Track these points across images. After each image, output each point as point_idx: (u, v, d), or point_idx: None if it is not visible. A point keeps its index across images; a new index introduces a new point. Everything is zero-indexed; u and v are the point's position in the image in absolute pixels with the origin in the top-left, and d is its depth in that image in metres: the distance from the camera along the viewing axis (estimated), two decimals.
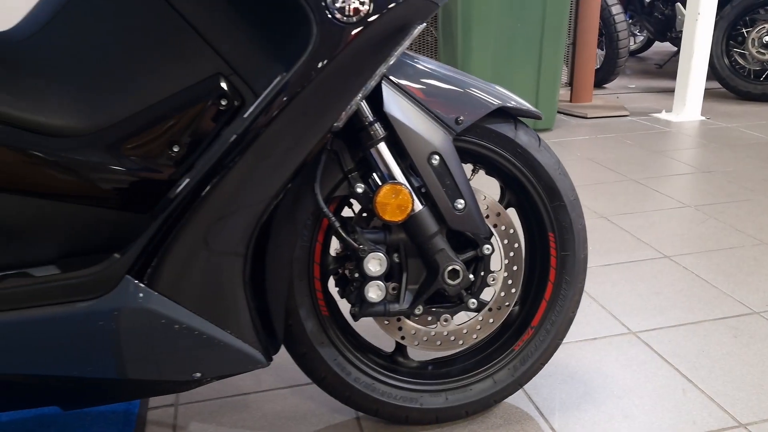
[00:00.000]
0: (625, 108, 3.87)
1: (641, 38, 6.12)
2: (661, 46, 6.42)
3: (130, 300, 0.78)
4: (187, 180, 0.82)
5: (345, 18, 0.81)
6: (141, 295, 0.79)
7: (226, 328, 0.88)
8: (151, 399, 1.30)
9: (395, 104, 1.00)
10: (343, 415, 1.24)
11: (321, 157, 0.98)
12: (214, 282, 0.86)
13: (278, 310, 1.02)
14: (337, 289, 1.14)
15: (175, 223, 0.81)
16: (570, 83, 3.96)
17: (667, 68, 5.40)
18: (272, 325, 1.02)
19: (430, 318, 1.13)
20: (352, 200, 1.11)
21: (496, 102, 1.07)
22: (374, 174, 1.03)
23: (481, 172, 1.17)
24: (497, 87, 1.13)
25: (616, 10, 4.29)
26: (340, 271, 1.13)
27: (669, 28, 5.21)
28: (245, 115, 0.80)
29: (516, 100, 1.11)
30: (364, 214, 1.09)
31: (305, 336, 1.09)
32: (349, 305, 1.09)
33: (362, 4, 0.82)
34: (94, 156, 0.86)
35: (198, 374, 0.91)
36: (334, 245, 1.14)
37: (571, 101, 3.94)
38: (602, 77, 4.54)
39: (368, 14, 0.82)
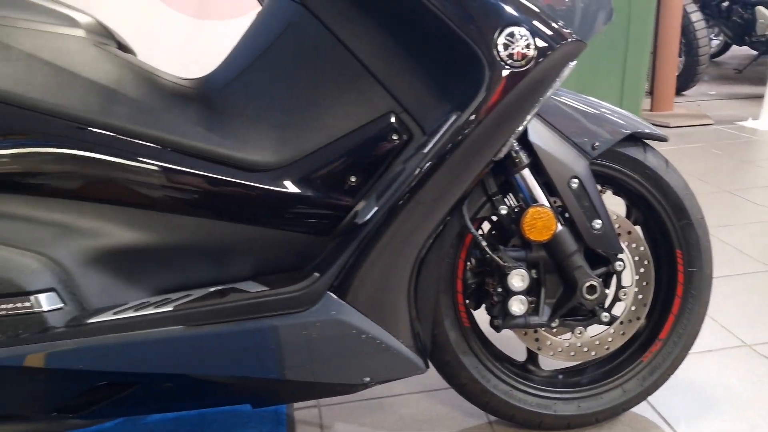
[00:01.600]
0: (708, 116, 3.82)
1: (717, 42, 5.99)
2: (738, 50, 6.26)
3: (329, 313, 0.90)
4: (371, 207, 0.93)
5: (514, 63, 0.91)
6: (338, 308, 0.90)
7: (398, 337, 0.99)
8: None
9: (538, 132, 1.09)
10: (475, 419, 1.33)
11: None
12: (391, 295, 0.97)
13: (427, 321, 1.12)
14: (467, 301, 1.23)
15: (366, 245, 0.92)
16: (651, 92, 3.95)
17: (747, 73, 5.28)
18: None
19: (565, 330, 1.21)
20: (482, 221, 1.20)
21: (629, 128, 1.15)
22: (518, 197, 1.12)
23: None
24: (624, 112, 1.21)
25: (697, 17, 4.25)
26: (473, 285, 1.23)
27: (748, 32, 5.10)
28: (425, 150, 0.91)
29: (644, 125, 1.18)
30: (493, 232, 1.18)
31: (449, 345, 1.18)
32: (489, 317, 1.18)
33: (528, 49, 0.91)
34: (284, 186, 0.98)
35: (367, 378, 1.01)
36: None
37: (651, 110, 3.93)
38: (681, 84, 4.49)
39: (533, 59, 0.91)
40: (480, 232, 1.21)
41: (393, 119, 0.99)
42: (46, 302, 0.87)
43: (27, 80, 0.91)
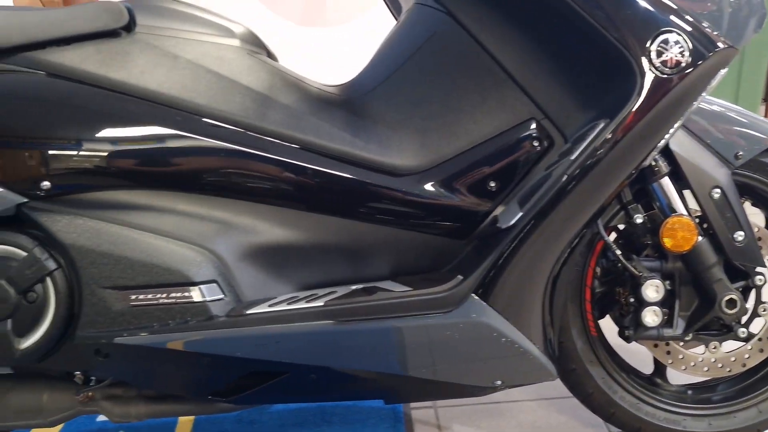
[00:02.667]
0: None
1: None
2: None
3: (473, 315, 0.92)
4: (514, 212, 0.94)
5: (667, 70, 0.89)
6: (482, 311, 0.92)
7: (534, 343, 0.99)
8: None
9: (678, 140, 1.06)
10: (595, 429, 1.31)
11: None
12: (529, 300, 0.98)
13: (554, 328, 1.12)
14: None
15: (510, 250, 0.93)
16: (766, 98, 3.72)
17: None
18: None
19: (697, 344, 1.17)
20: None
21: None
22: (654, 205, 1.09)
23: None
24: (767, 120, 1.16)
25: None
26: (599, 294, 1.21)
27: None
28: (572, 157, 0.91)
29: None
30: (620, 241, 1.16)
31: (576, 354, 1.18)
32: (618, 327, 1.16)
33: (682, 56, 0.90)
34: (423, 190, 1.01)
35: (499, 382, 1.02)
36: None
37: (767, 116, 3.71)
38: None
39: (687, 66, 0.90)
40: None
41: (534, 126, 0.99)
42: (209, 293, 0.94)
43: (192, 87, 0.99)
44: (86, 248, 0.91)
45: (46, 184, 0.93)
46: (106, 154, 0.94)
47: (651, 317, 1.11)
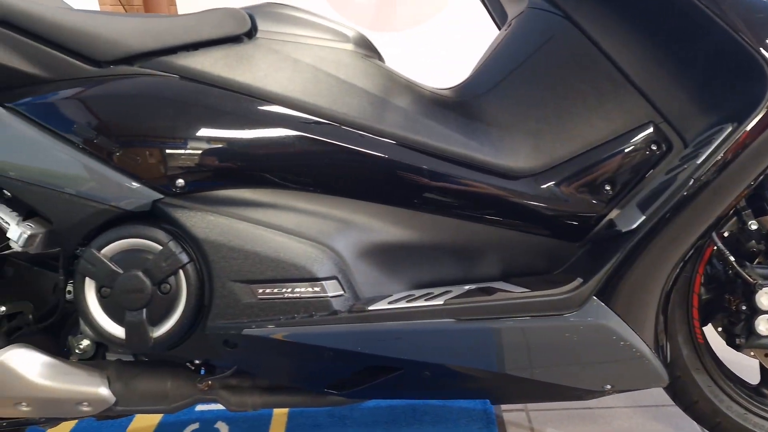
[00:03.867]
0: None
1: None
2: None
3: (594, 318, 0.92)
4: (634, 216, 0.94)
5: None
6: (603, 314, 0.93)
7: (650, 346, 0.99)
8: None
9: None
10: None
11: None
12: (646, 305, 0.97)
13: (667, 334, 1.11)
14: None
15: (631, 254, 0.93)
16: None
17: None
18: None
19: None
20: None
21: None
22: None
23: None
24: None
25: None
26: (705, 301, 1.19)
27: None
28: (698, 162, 0.91)
29: None
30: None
31: (681, 361, 1.16)
32: (727, 335, 1.14)
33: None
34: (537, 192, 1.02)
35: (609, 386, 1.02)
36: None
37: None
38: None
39: None
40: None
41: (652, 129, 0.99)
42: (330, 289, 0.97)
43: (313, 90, 1.02)
44: (218, 243, 0.96)
45: (180, 181, 0.98)
46: (234, 153, 0.99)
47: (765, 325, 1.09)
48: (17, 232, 0.96)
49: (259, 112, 1.00)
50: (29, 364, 1.01)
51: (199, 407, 1.52)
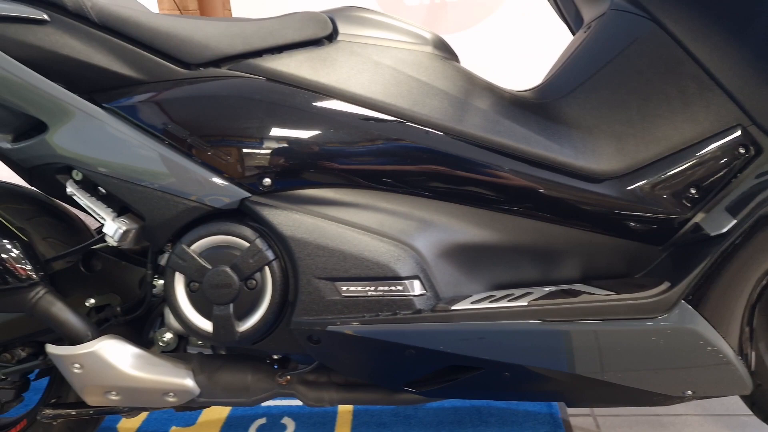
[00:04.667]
0: None
1: None
2: None
3: (683, 322, 0.92)
4: (724, 220, 0.93)
5: None
6: (693, 318, 0.92)
7: (736, 353, 0.97)
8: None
9: None
10: None
11: None
12: (733, 311, 0.96)
13: (753, 342, 1.09)
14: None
15: (720, 259, 0.92)
16: None
17: None
18: None
19: None
20: None
21: None
22: None
23: None
24: None
25: None
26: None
27: None
28: None
29: None
30: None
31: (763, 369, 1.13)
32: None
33: None
34: (619, 195, 1.01)
35: (690, 392, 1.01)
36: None
37: None
38: None
39: None
40: None
41: (740, 132, 0.98)
42: (413, 288, 0.98)
43: (394, 92, 1.04)
44: (303, 241, 0.98)
45: (267, 180, 1.00)
46: (318, 153, 1.01)
47: None
48: (113, 227, 1.01)
49: (342, 114, 1.02)
50: (120, 355, 1.05)
51: (265, 402, 1.55)
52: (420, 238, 1.02)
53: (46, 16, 1.00)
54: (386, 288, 0.97)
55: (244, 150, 1.00)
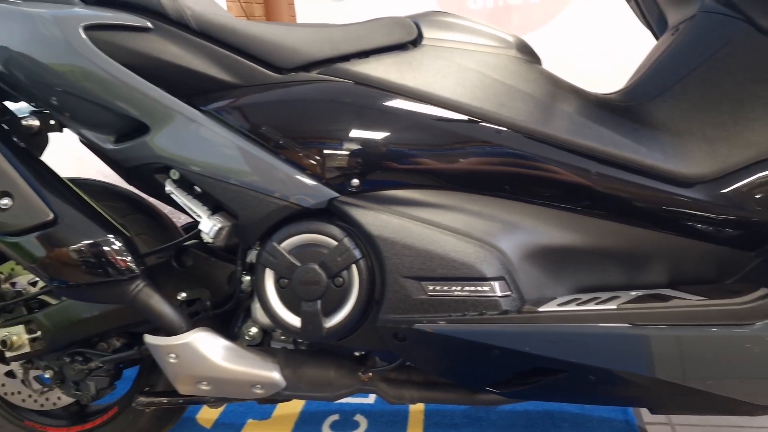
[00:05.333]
0: None
1: None
2: None
3: None
4: None
5: None
6: None
7: None
8: (645, 414, 1.42)
9: None
10: None
11: None
12: None
13: None
14: None
15: None
16: None
17: None
18: None
19: None
20: None
21: None
22: None
23: None
24: None
25: None
26: None
27: None
28: None
29: None
30: None
31: None
32: None
33: None
34: (709, 199, 0.99)
35: None
36: None
37: None
38: None
39: None
40: None
41: None
42: (499, 288, 0.99)
43: (479, 95, 1.05)
44: (391, 240, 1.00)
45: (355, 181, 1.03)
46: (405, 155, 1.03)
47: None
48: (209, 224, 1.05)
49: (429, 117, 1.04)
50: (212, 347, 1.10)
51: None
52: (505, 240, 1.03)
53: (149, 24, 1.06)
54: (472, 288, 0.99)
55: (333, 152, 1.03)
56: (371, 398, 1.58)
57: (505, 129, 1.03)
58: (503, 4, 3.25)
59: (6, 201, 1.05)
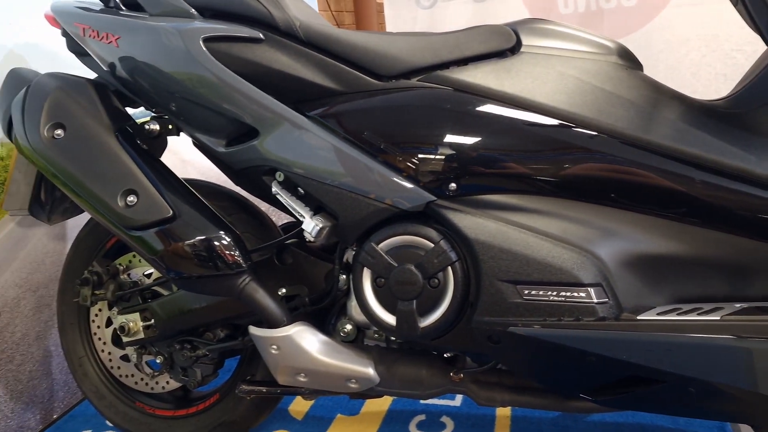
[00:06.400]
0: None
1: None
2: None
3: None
4: None
5: None
6: None
7: None
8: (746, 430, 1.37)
9: None
10: None
11: None
12: None
13: None
14: None
15: None
16: None
17: None
18: None
19: None
20: None
21: None
22: None
23: None
24: None
25: None
26: None
27: None
28: None
29: None
30: None
31: None
32: None
33: None
34: None
35: None
36: None
37: None
38: None
39: None
40: None
41: None
42: (596, 295, 0.99)
43: (578, 101, 1.05)
44: (487, 244, 1.02)
45: (452, 185, 1.06)
46: (503, 160, 1.05)
47: None
48: (311, 224, 1.11)
49: (527, 123, 1.05)
50: (311, 341, 1.15)
51: (424, 401, 1.61)
52: (603, 247, 1.02)
53: (261, 36, 1.13)
54: (568, 293, 0.99)
55: (432, 156, 1.06)
56: (458, 401, 1.60)
57: (604, 135, 1.03)
58: (596, 7, 3.18)
59: (132, 198, 1.15)
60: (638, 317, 0.96)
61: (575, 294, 0.99)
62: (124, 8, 1.25)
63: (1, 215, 1.54)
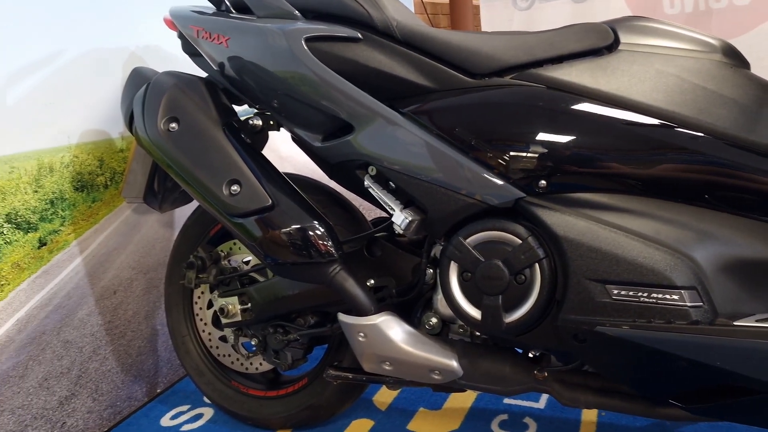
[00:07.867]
0: None
1: None
2: None
3: None
4: None
5: None
6: None
7: None
8: None
9: None
10: None
11: None
12: None
13: None
14: None
15: None
16: None
17: None
18: None
19: None
20: None
21: None
22: None
23: None
24: None
25: None
26: None
27: None
28: None
29: None
30: None
31: None
32: None
33: None
34: None
35: None
36: None
37: None
38: None
39: None
40: None
41: None
42: (689, 298, 0.96)
43: (678, 100, 1.02)
44: (576, 242, 1.02)
45: (543, 182, 1.06)
46: (595, 159, 1.04)
47: None
48: (401, 217, 1.15)
49: (622, 121, 1.03)
50: (397, 330, 1.19)
51: (507, 400, 1.61)
52: (699, 249, 0.99)
53: (359, 35, 1.18)
54: (660, 295, 0.97)
55: (523, 153, 1.07)
56: (542, 403, 1.59)
57: (704, 135, 1.00)
58: (705, 7, 3.04)
59: (236, 187, 1.23)
60: (735, 323, 0.93)
61: (667, 296, 0.97)
62: (234, 11, 1.34)
63: (119, 202, 1.69)
